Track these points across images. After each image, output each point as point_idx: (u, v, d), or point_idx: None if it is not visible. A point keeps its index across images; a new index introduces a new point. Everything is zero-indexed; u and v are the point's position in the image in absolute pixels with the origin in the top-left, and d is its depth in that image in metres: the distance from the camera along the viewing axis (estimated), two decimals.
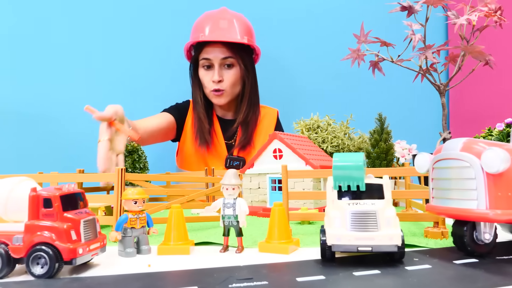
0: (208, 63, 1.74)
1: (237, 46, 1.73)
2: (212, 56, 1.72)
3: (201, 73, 1.78)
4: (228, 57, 1.73)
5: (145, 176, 0.85)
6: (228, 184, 0.70)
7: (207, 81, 1.75)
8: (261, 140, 1.79)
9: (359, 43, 1.51)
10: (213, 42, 1.72)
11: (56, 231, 0.56)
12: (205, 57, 1.73)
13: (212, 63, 1.73)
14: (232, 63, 1.75)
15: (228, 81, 1.75)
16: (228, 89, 1.76)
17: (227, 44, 1.71)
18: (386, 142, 1.27)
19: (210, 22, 1.73)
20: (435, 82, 1.33)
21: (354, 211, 0.58)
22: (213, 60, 1.72)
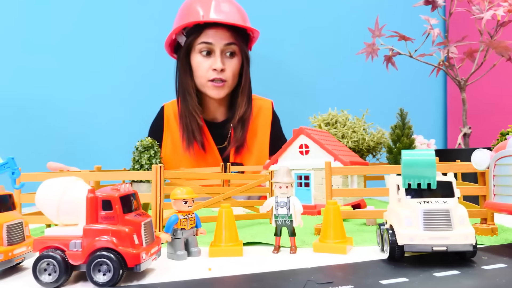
0: (208, 49, 1.52)
1: (239, 33, 1.56)
2: (214, 40, 1.51)
3: (197, 60, 1.54)
4: (232, 43, 1.53)
5: (184, 174, 0.82)
6: (281, 182, 0.68)
7: (205, 69, 1.53)
8: (258, 138, 1.66)
9: (374, 37, 1.50)
10: (216, 25, 1.50)
11: (118, 235, 0.52)
12: (205, 41, 1.51)
13: (213, 49, 1.52)
14: (234, 51, 1.56)
15: (230, 70, 1.55)
16: (230, 80, 1.57)
17: (230, 29, 1.53)
18: (408, 137, 1.26)
19: (208, 4, 1.51)
20: (455, 77, 1.33)
21: (427, 210, 0.56)
22: (215, 45, 1.51)
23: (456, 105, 2.22)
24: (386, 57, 1.49)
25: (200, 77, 1.56)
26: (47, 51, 1.93)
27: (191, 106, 1.56)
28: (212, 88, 1.56)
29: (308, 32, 2.21)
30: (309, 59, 2.21)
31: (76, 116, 1.96)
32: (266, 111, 1.70)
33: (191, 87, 1.57)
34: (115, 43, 2.01)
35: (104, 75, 2.00)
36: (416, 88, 2.28)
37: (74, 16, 1.96)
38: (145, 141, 1.30)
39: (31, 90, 1.91)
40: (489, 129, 1.88)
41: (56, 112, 1.93)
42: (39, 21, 1.92)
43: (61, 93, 1.94)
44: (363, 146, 1.36)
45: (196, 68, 1.56)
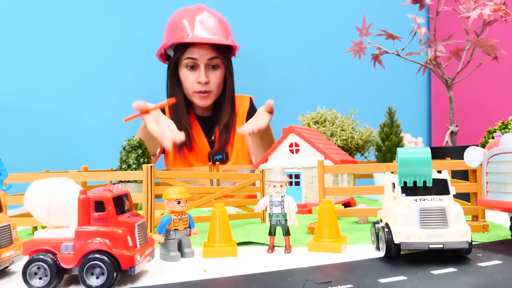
0: (193, 63, 1.65)
1: (222, 47, 1.68)
2: (198, 56, 1.63)
3: (184, 73, 1.68)
4: (214, 58, 1.66)
5: (175, 174, 0.80)
6: (275, 181, 0.67)
7: (191, 82, 1.67)
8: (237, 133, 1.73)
9: (361, 36, 1.51)
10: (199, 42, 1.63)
11: (111, 237, 0.51)
12: (190, 57, 1.64)
13: (198, 64, 1.65)
14: (217, 64, 1.68)
15: (214, 82, 1.68)
16: (215, 90, 1.70)
17: (213, 45, 1.65)
18: (396, 135, 1.26)
19: (192, 21, 1.64)
20: (442, 75, 1.35)
21: (423, 208, 0.56)
22: (199, 60, 1.64)
23: (440, 103, 2.25)
24: (374, 56, 1.50)
25: (187, 89, 1.69)
26: (35, 51, 1.89)
27: (182, 117, 1.68)
28: (198, 98, 1.68)
29: (296, 30, 2.21)
30: (297, 57, 2.21)
31: (63, 117, 1.92)
32: (243, 106, 1.82)
33: (180, 99, 1.69)
34: (104, 43, 1.98)
35: (92, 75, 1.97)
36: (402, 86, 2.30)
37: (63, 16, 1.92)
38: (133, 140, 1.28)
39: (18, 90, 1.87)
40: (475, 127, 1.91)
41: (42, 113, 1.90)
42: (26, 21, 1.87)
43: (48, 94, 1.90)
44: (351, 145, 1.36)
45: (184, 80, 1.69)
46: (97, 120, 1.97)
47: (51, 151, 1.90)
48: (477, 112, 1.97)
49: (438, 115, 2.28)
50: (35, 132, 1.89)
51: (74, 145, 1.93)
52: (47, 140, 1.90)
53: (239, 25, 2.10)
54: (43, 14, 1.90)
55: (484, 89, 1.95)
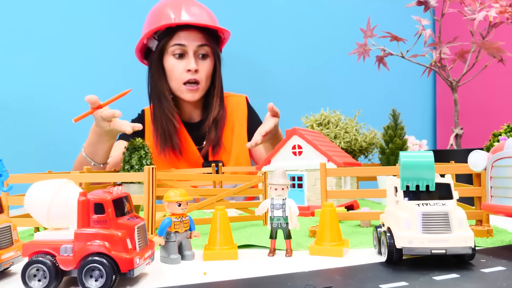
0: (181, 51, 1.53)
1: (211, 35, 1.58)
2: (187, 42, 1.51)
3: (170, 62, 1.54)
4: (204, 45, 1.54)
5: (176, 175, 0.80)
6: (276, 184, 0.66)
7: (179, 71, 1.53)
8: (235, 135, 1.67)
9: (366, 38, 1.50)
10: (188, 27, 1.51)
11: (110, 240, 0.51)
12: (178, 43, 1.51)
13: (186, 50, 1.53)
14: (207, 53, 1.57)
15: (203, 72, 1.56)
16: (203, 82, 1.57)
17: (202, 31, 1.54)
18: (401, 138, 1.26)
19: (178, 7, 1.53)
20: (447, 77, 1.34)
21: (426, 212, 0.55)
22: (188, 46, 1.52)
23: (445, 105, 2.23)
24: (378, 58, 1.49)
25: (175, 80, 1.56)
26: (31, 49, 1.89)
27: (167, 109, 1.56)
28: (186, 92, 1.56)
29: (300, 32, 2.20)
30: (300, 58, 2.20)
31: (63, 116, 1.92)
32: (241, 107, 1.72)
33: (166, 90, 1.57)
34: (99, 42, 1.98)
35: (96, 73, 1.97)
36: (407, 88, 2.29)
37: (61, 14, 1.93)
38: (136, 141, 1.28)
39: (16, 88, 1.87)
40: (480, 130, 1.89)
41: (43, 112, 1.90)
42: (21, 19, 1.88)
43: (49, 92, 1.91)
44: (355, 147, 1.35)
45: (170, 70, 1.56)
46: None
47: (52, 151, 1.90)
48: (482, 115, 1.95)
49: (443, 118, 2.26)
50: (37, 132, 1.89)
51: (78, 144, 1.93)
52: (48, 139, 1.90)
53: (239, 26, 2.10)
54: (41, 12, 1.91)
55: (489, 92, 1.93)
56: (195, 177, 0.84)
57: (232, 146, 1.66)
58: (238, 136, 1.68)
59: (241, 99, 1.74)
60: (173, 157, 1.61)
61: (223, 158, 1.64)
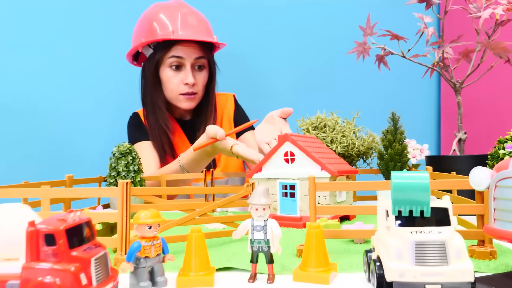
0: (178, 63, 1.54)
1: (207, 46, 1.60)
2: (185, 55, 1.53)
3: (167, 74, 1.55)
4: (201, 57, 1.57)
5: (154, 190, 0.74)
6: (257, 204, 0.60)
7: (176, 84, 1.55)
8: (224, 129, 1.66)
9: (365, 36, 1.43)
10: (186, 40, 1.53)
11: (62, 276, 0.45)
12: (176, 55, 1.53)
13: (184, 63, 1.54)
14: (203, 64, 1.60)
15: (200, 84, 1.59)
16: (200, 92, 1.60)
17: (199, 43, 1.56)
18: (400, 143, 1.19)
19: (175, 17, 1.53)
20: (450, 79, 1.26)
21: (420, 242, 0.49)
22: (186, 59, 1.54)
23: (450, 108, 2.15)
24: (378, 57, 1.42)
25: (171, 91, 1.57)
26: (31, 51, 1.85)
27: (161, 119, 1.56)
28: (184, 101, 1.57)
29: (297, 30, 2.13)
30: (298, 58, 2.14)
31: (61, 118, 1.89)
32: (228, 105, 1.76)
33: (160, 100, 1.58)
34: (101, 44, 1.93)
35: (88, 74, 1.92)
36: (408, 89, 2.21)
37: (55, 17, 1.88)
38: (123, 146, 1.23)
39: (16, 90, 1.84)
40: (484, 135, 1.82)
41: (44, 113, 1.86)
42: (21, 21, 1.83)
43: (44, 93, 1.87)
44: (353, 152, 1.29)
45: (166, 82, 1.56)
46: (93, 122, 1.92)
47: (48, 152, 1.86)
48: (487, 119, 1.87)
49: (448, 121, 2.17)
50: (38, 134, 1.86)
51: (79, 147, 1.89)
52: (44, 141, 1.87)
53: (232, 25, 2.04)
54: (41, 12, 1.86)
55: (495, 94, 1.85)
56: (174, 191, 0.78)
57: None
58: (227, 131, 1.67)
59: (229, 97, 1.77)
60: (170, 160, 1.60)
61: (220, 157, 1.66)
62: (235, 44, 2.05)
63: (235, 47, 2.05)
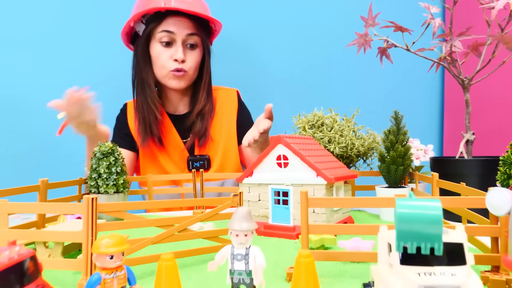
0: (169, 38, 1.44)
1: (201, 24, 1.50)
2: (176, 29, 1.43)
3: (156, 49, 1.46)
4: (194, 34, 1.46)
5: (125, 205, 0.66)
6: (238, 230, 0.52)
7: (165, 59, 1.45)
8: (224, 129, 1.57)
9: (367, 27, 1.33)
10: (178, 13, 1.43)
11: None
12: (166, 30, 1.43)
13: (174, 38, 1.44)
14: (196, 43, 1.48)
15: (191, 62, 1.48)
16: (191, 72, 1.49)
17: (192, 19, 1.46)
18: (403, 144, 1.10)
19: None
20: (458, 75, 1.17)
21: (429, 287, 0.41)
22: (177, 34, 1.44)
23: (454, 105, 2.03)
24: (380, 49, 1.32)
25: (160, 67, 1.47)
26: (17, 46, 1.75)
27: (149, 98, 1.47)
28: (172, 78, 1.48)
29: (293, 22, 2.02)
30: (296, 52, 2.03)
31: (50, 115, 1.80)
32: (231, 101, 1.64)
33: (150, 78, 1.49)
34: (91, 35, 1.83)
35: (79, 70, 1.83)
36: (410, 85, 2.10)
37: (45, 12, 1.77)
38: (104, 146, 1.14)
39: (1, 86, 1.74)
40: (493, 136, 1.72)
41: (23, 110, 1.77)
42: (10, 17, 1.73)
43: (31, 90, 1.77)
44: (352, 152, 1.20)
45: (155, 58, 1.47)
46: None
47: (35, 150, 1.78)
48: (497, 118, 1.76)
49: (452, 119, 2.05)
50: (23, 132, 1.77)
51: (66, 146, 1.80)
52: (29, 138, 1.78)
53: (232, 17, 1.94)
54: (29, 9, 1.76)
55: (506, 91, 1.74)
56: (147, 205, 0.69)
57: (221, 140, 1.56)
58: (227, 130, 1.58)
59: (232, 93, 1.65)
60: (155, 149, 1.53)
61: (210, 152, 1.55)
62: (230, 39, 1.95)
63: (230, 42, 1.95)
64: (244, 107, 1.65)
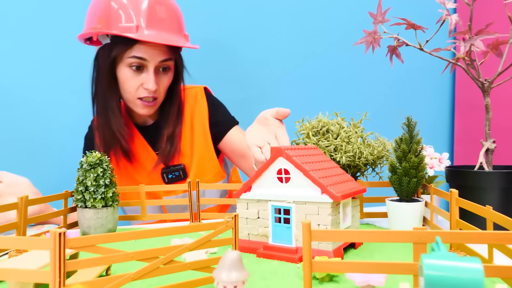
0: (140, 64, 1.29)
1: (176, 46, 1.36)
2: (148, 56, 1.27)
3: (125, 74, 1.30)
4: (168, 60, 1.32)
5: (97, 239, 0.57)
6: (226, 281, 0.43)
7: (135, 86, 1.30)
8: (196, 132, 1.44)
9: (376, 24, 1.23)
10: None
11: None
12: (138, 56, 1.27)
13: (146, 65, 1.29)
14: (169, 66, 1.35)
15: (163, 88, 1.35)
16: (161, 96, 1.37)
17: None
18: (417, 154, 1.01)
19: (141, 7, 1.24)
20: (477, 77, 1.07)
21: None
22: (150, 62, 1.28)
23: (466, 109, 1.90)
24: (390, 48, 1.23)
25: (128, 93, 1.32)
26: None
27: (114, 125, 1.32)
28: (141, 107, 1.34)
29: (293, 17, 1.92)
30: (294, 51, 1.93)
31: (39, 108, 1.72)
32: (198, 100, 1.48)
33: (115, 103, 1.33)
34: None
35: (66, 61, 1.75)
36: (419, 84, 1.99)
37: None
38: (92, 156, 1.06)
39: None
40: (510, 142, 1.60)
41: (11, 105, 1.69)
42: None
43: (18, 82, 1.69)
44: (360, 161, 1.11)
45: (123, 81, 1.31)
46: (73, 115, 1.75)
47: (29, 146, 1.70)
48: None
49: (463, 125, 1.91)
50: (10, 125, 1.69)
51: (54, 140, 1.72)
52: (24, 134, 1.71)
53: (228, 13, 1.84)
54: None
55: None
56: (127, 237, 0.60)
57: (195, 145, 1.44)
58: (200, 133, 1.45)
59: (198, 91, 1.50)
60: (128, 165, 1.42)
61: (185, 161, 1.42)
62: (223, 34, 1.85)
63: (223, 37, 1.86)
64: (215, 104, 1.51)
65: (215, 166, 1.45)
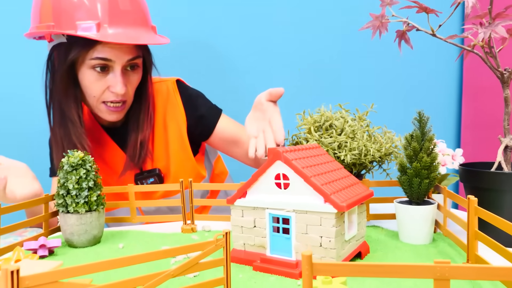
0: (104, 65, 1.12)
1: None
2: (115, 56, 1.11)
3: (88, 77, 1.13)
4: (136, 57, 1.16)
5: (58, 274, 0.48)
6: None
7: (100, 89, 1.14)
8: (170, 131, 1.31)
9: (383, 6, 1.12)
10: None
11: None
12: (102, 57, 1.10)
13: (112, 66, 1.13)
14: (137, 64, 1.19)
15: (132, 89, 1.20)
16: (130, 98, 1.22)
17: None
18: (429, 153, 0.91)
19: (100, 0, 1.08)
20: (497, 67, 0.96)
21: None
22: (116, 61, 1.12)
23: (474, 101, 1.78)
24: (399, 33, 1.12)
25: (92, 98, 1.16)
26: None
27: (75, 138, 1.14)
28: (108, 112, 1.18)
29: (297, 3, 1.80)
30: (295, 39, 1.82)
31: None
32: (172, 96, 1.31)
33: (75, 112, 1.15)
34: None
35: None
36: (425, 73, 1.87)
37: None
38: (74, 157, 0.96)
39: None
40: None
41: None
42: None
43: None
44: (365, 159, 1.01)
45: (86, 86, 1.14)
46: None
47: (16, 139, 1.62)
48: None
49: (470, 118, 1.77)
50: None
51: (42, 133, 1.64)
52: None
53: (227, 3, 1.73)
54: None
55: None
56: (93, 269, 0.52)
57: (170, 150, 1.31)
58: (175, 136, 1.32)
59: (170, 85, 1.32)
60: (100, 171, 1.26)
61: (160, 164, 1.31)
62: (225, 24, 1.74)
63: (226, 25, 1.74)
64: (193, 96, 1.34)
65: (194, 167, 1.33)
